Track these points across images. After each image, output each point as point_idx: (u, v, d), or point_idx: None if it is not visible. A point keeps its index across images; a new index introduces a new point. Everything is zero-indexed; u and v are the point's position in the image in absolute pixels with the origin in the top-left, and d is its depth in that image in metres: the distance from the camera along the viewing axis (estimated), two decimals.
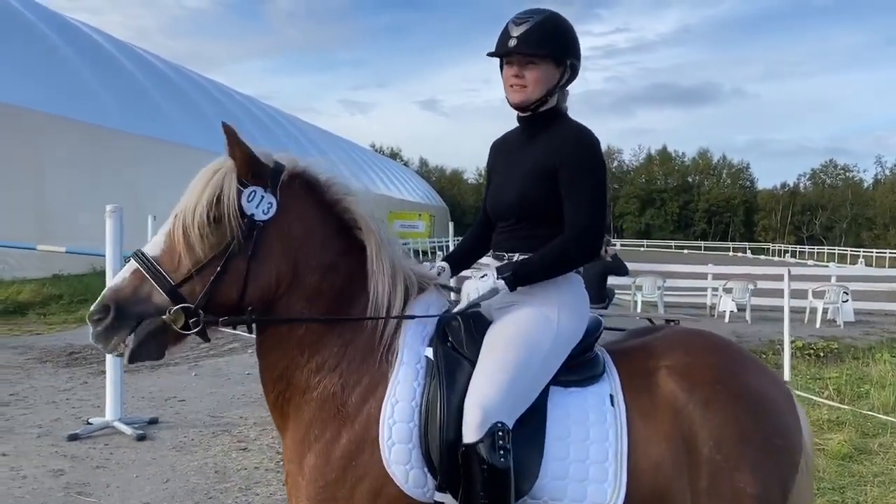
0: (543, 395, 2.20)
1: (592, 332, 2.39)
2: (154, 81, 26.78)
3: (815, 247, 63.37)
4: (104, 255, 6.00)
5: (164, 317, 1.96)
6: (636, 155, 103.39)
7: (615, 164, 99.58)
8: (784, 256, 56.08)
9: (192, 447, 5.48)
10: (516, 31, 2.28)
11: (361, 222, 2.18)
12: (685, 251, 60.26)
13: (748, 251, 65.64)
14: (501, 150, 2.53)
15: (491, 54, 2.36)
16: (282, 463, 5.14)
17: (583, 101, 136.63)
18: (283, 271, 2.08)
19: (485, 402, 2.05)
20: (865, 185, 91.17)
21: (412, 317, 2.20)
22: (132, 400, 6.60)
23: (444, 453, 2.05)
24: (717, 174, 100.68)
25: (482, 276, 2.23)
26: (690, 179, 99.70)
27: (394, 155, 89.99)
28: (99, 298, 2.00)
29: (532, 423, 2.15)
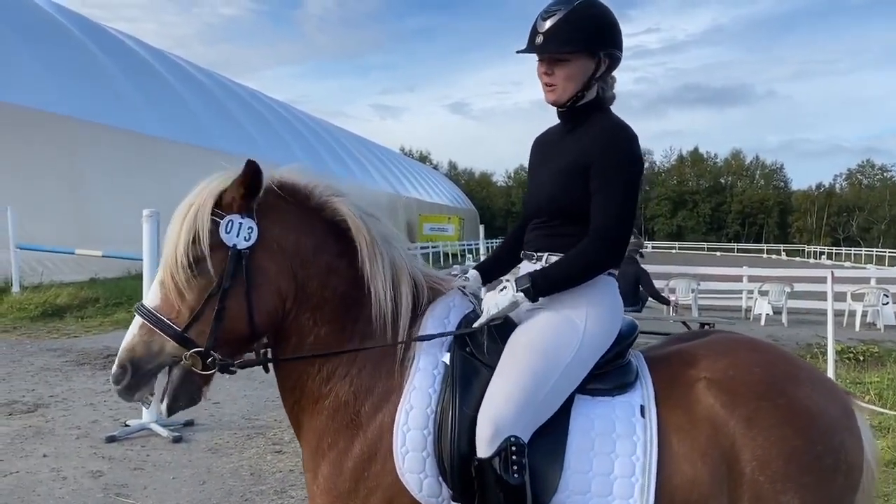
0: (567, 405, 2.10)
1: (625, 337, 2.25)
2: (189, 88, 27.21)
3: (853, 248, 62.11)
4: (140, 259, 6.09)
5: (183, 363, 1.97)
6: (667, 156, 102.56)
7: (646, 165, 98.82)
8: (820, 258, 55.04)
9: (228, 449, 5.53)
10: (543, 27, 2.15)
11: (349, 222, 2.09)
12: (718, 253, 59.52)
13: (783, 253, 64.54)
14: (541, 146, 2.43)
15: (520, 51, 2.23)
16: None
17: (614, 106, 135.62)
18: (285, 287, 2.04)
19: (497, 415, 1.97)
20: None
21: (426, 337, 2.10)
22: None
23: (456, 465, 1.98)
24: (751, 175, 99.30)
25: (501, 289, 2.13)
26: (723, 181, 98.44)
27: (423, 158, 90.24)
28: (117, 359, 2.00)
29: (553, 435, 2.06)
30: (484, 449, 1.95)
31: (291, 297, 2.05)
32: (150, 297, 2.03)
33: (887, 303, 14.65)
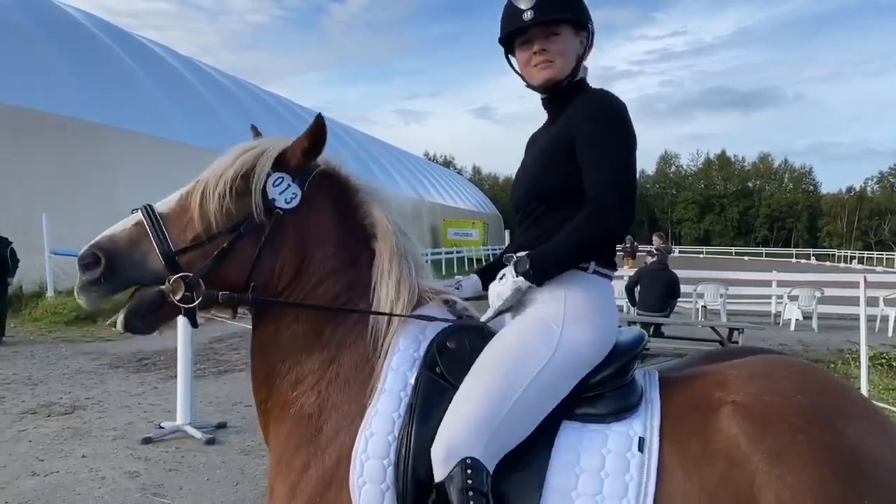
0: (551, 432, 1.84)
1: (626, 350, 1.96)
2: (217, 95, 27.59)
3: (885, 252, 61.06)
4: None
5: (162, 287, 1.83)
6: (694, 160, 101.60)
7: (673, 168, 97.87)
8: (851, 263, 54.19)
9: (260, 451, 5.61)
10: (528, 2, 2.01)
11: (378, 229, 2.01)
12: (746, 258, 58.81)
13: (812, 257, 63.63)
14: (530, 142, 2.27)
15: (504, 37, 2.09)
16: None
17: (639, 106, 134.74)
18: (287, 266, 1.94)
19: (450, 436, 1.75)
20: None
21: (417, 316, 1.95)
22: (200, 405, 6.79)
23: (412, 497, 1.78)
24: (779, 179, 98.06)
25: (501, 278, 1.93)
26: (751, 184, 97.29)
27: (447, 163, 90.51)
28: (91, 243, 1.83)
29: (531, 468, 1.80)
30: (438, 472, 1.74)
31: (286, 279, 1.94)
32: (163, 203, 1.92)
33: None
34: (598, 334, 1.92)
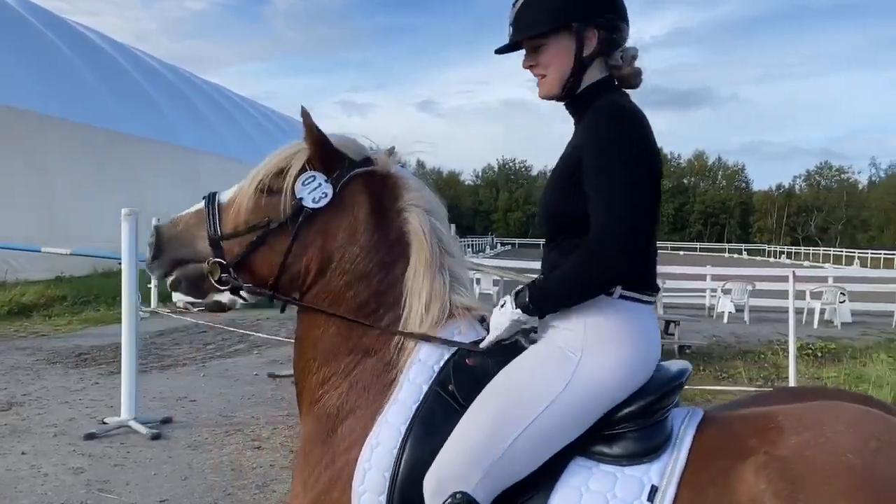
0: (560, 468, 1.72)
1: (659, 386, 1.76)
2: (154, 83, 26.87)
3: (811, 248, 63.66)
4: (109, 257, 6.10)
5: (202, 265, 2.01)
6: None
7: None
8: (780, 258, 56.31)
9: (207, 446, 5.58)
10: (511, 16, 1.90)
11: (415, 237, 1.96)
12: (681, 252, 60.44)
13: (744, 252, 65.92)
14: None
15: (499, 50, 1.97)
16: (294, 461, 5.28)
17: None
18: (314, 265, 1.97)
19: (443, 467, 1.69)
20: (860, 186, 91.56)
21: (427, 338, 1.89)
22: (143, 400, 6.69)
23: None
24: (713, 176, 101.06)
25: (502, 306, 1.82)
26: (686, 181, 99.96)
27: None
28: (157, 224, 2.10)
29: None
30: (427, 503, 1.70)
31: (312, 277, 1.99)
32: (226, 192, 2.07)
33: (844, 301, 15.14)
34: (624, 367, 1.72)
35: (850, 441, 1.55)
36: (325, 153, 1.99)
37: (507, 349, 1.85)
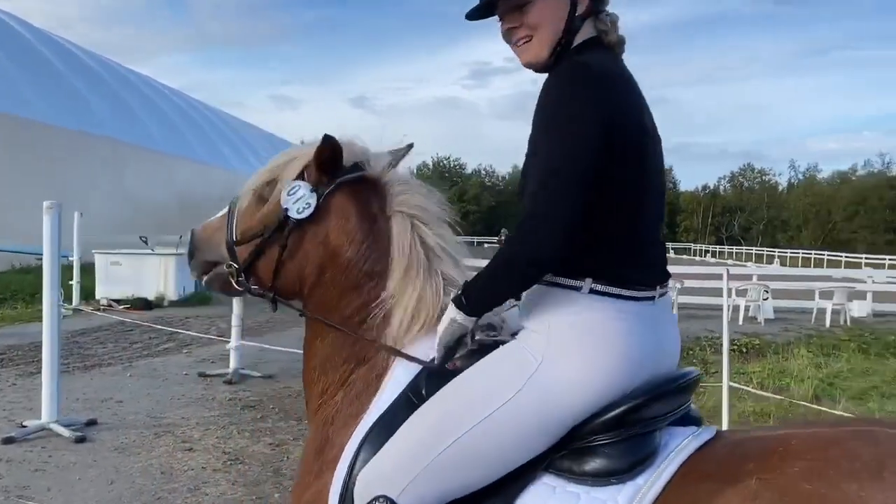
0: (520, 487, 1.54)
1: (646, 391, 1.53)
2: (77, 72, 25.81)
3: (734, 247, 66.06)
4: (29, 253, 5.81)
5: (225, 268, 2.05)
6: None
7: None
8: (705, 256, 58.22)
9: (135, 448, 5.36)
10: None
11: (395, 243, 1.89)
12: None
13: (671, 251, 67.89)
14: None
15: (470, 14, 1.72)
16: (229, 462, 5.13)
17: (514, 102, 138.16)
18: (308, 274, 1.96)
19: (372, 468, 1.59)
20: (780, 188, 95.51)
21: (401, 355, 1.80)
22: (66, 402, 6.39)
23: None
24: None
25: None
26: None
27: None
28: (193, 229, 2.20)
29: None
30: None
31: (308, 286, 1.97)
32: (242, 199, 2.06)
33: (767, 298, 15.72)
34: (589, 376, 1.49)
35: (856, 471, 1.28)
36: (322, 165, 1.92)
37: (486, 350, 1.65)
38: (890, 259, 40.31)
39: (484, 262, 1.62)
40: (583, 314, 1.54)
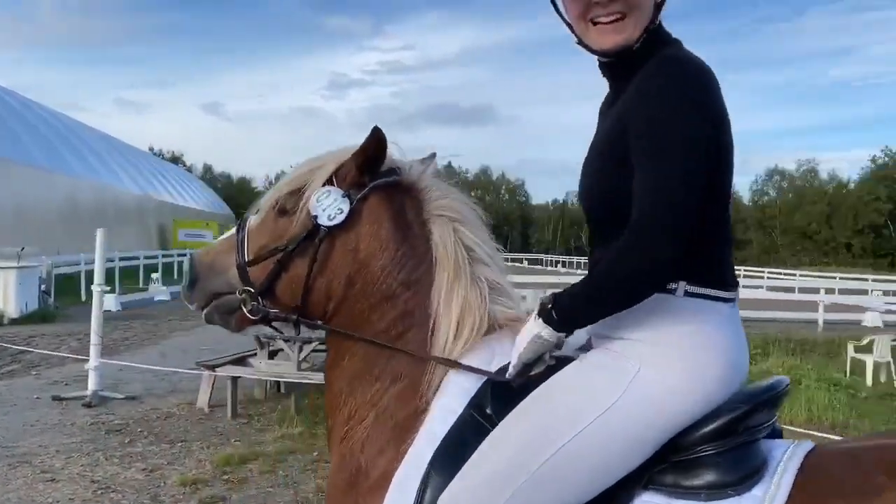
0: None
1: (747, 398, 1.48)
2: None
3: (583, 257, 69.50)
4: None
5: (236, 295, 1.87)
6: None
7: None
8: (556, 266, 60.89)
9: None
10: None
11: (436, 250, 1.78)
12: None
13: (525, 262, 70.38)
14: (599, 118, 1.75)
15: None
16: (99, 491, 4.76)
17: (369, 115, 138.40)
18: (336, 287, 1.81)
19: (457, 489, 1.48)
20: None
21: (455, 364, 1.66)
22: None
23: None
24: (497, 190, 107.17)
25: (528, 321, 1.55)
26: (473, 195, 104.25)
27: (175, 159, 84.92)
28: (194, 254, 2.00)
29: None
30: None
31: (336, 300, 1.83)
32: (254, 216, 1.92)
33: None
34: (694, 380, 1.42)
35: None
36: (367, 173, 1.81)
37: (559, 362, 1.57)
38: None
39: None
40: (680, 317, 1.45)
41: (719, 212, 1.50)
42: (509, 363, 1.58)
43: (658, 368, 1.43)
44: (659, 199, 1.36)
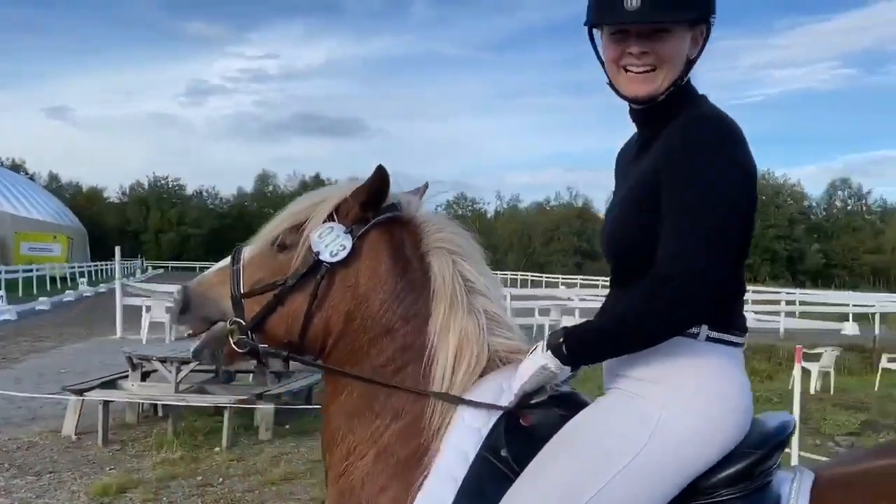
0: None
1: (760, 442, 1.54)
2: None
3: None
4: None
5: (227, 325, 1.84)
6: (291, 180, 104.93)
7: (270, 188, 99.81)
8: None
9: None
10: None
11: (435, 282, 1.80)
12: None
13: None
14: (619, 164, 1.82)
15: (594, 24, 1.63)
16: None
17: (233, 124, 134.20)
18: (334, 323, 1.82)
19: None
20: (489, 215, 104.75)
21: (463, 401, 1.67)
22: None
23: None
24: None
25: (532, 352, 1.60)
26: None
27: (16, 167, 78.49)
28: (185, 284, 1.96)
29: None
30: None
31: (335, 335, 1.83)
32: (252, 245, 1.91)
33: None
34: (713, 424, 1.48)
35: None
36: (370, 209, 1.83)
37: (571, 403, 1.64)
38: (581, 279, 46.08)
39: None
40: (702, 362, 1.51)
41: (739, 259, 1.55)
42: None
43: (679, 412, 1.48)
44: (689, 247, 1.42)
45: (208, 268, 2.04)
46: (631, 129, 1.76)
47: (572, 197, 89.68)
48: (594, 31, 1.66)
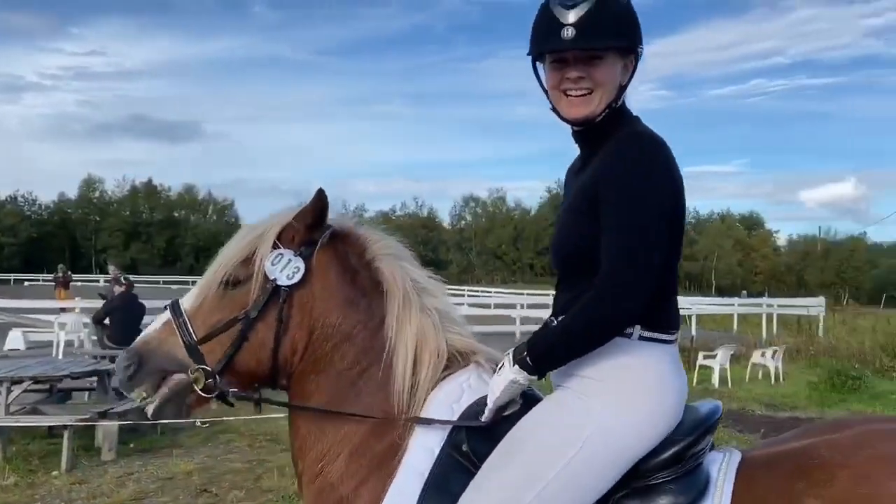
0: None
1: (693, 428, 1.69)
2: None
3: None
4: None
5: (187, 375, 1.87)
6: (120, 186, 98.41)
7: (97, 193, 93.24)
8: None
9: None
10: (569, 17, 1.68)
11: (387, 284, 1.93)
12: (174, 287, 59.65)
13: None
14: (567, 178, 1.97)
15: (537, 55, 1.79)
16: None
17: (55, 124, 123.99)
18: (301, 341, 1.90)
19: None
20: None
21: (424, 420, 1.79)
22: None
23: None
24: (204, 210, 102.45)
25: (500, 368, 1.74)
26: (177, 214, 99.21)
27: None
28: (131, 346, 1.95)
29: None
30: None
31: (300, 352, 1.91)
32: (188, 297, 1.95)
33: None
34: (647, 416, 1.64)
35: None
36: (315, 231, 1.93)
37: (526, 399, 1.78)
38: None
39: (50, 303, 1.88)
40: (636, 359, 1.67)
41: (670, 265, 1.74)
42: (477, 400, 1.80)
43: (615, 406, 1.64)
44: (623, 257, 1.60)
45: (24, 280, 2.03)
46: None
47: (418, 207, 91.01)
48: (537, 63, 1.82)
